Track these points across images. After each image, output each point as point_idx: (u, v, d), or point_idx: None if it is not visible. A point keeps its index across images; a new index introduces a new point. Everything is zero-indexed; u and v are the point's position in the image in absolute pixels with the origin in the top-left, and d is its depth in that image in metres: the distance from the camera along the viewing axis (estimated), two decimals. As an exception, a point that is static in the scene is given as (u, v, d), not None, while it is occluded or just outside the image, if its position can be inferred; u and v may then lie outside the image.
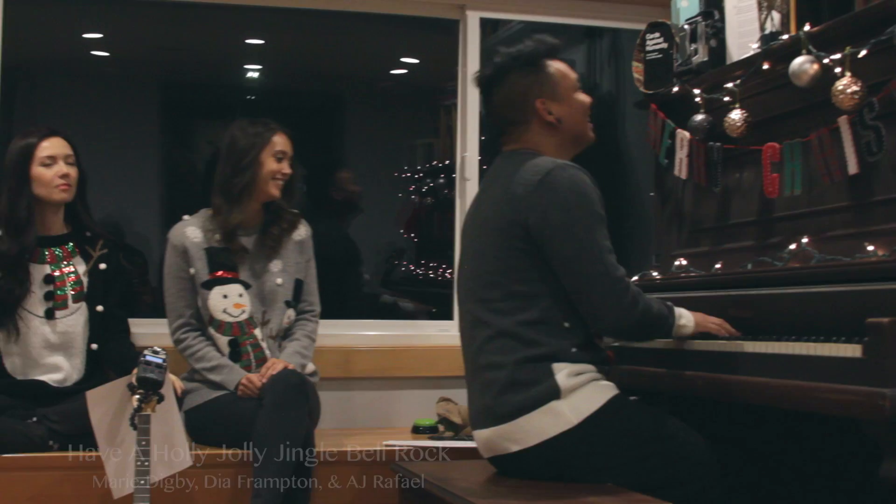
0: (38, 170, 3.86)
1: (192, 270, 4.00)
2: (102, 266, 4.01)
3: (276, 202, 4.11)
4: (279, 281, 4.07)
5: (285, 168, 4.06)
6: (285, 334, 4.11)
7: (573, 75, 3.29)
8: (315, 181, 5.48)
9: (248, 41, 5.68)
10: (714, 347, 3.10)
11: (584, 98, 3.30)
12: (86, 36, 5.42)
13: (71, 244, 4.00)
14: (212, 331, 4.00)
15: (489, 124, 4.75)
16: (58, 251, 3.96)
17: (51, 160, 3.87)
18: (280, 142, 4.06)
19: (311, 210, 4.30)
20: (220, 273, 4.01)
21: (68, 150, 3.93)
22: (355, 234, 5.35)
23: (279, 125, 4.11)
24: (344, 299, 4.37)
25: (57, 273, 3.93)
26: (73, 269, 3.96)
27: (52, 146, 3.89)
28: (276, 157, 4.04)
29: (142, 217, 5.50)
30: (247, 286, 4.03)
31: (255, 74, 5.85)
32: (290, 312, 4.11)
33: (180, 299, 4.03)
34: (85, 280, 3.97)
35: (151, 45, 5.54)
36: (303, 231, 4.18)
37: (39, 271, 3.91)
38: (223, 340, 3.99)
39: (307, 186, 5.34)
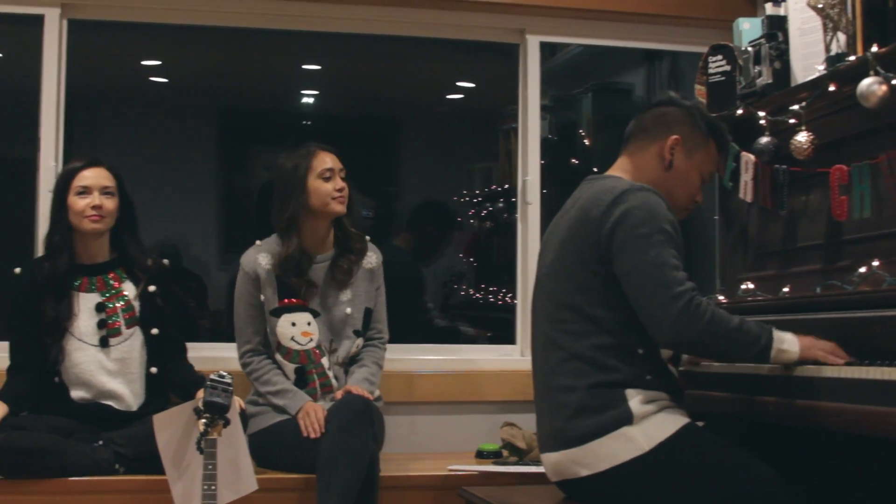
0: (72, 199, 3.85)
1: (262, 297, 3.99)
2: (152, 288, 3.97)
3: (343, 230, 4.07)
4: (349, 311, 4.05)
5: (338, 184, 3.99)
6: (353, 360, 4.08)
7: (714, 168, 3.34)
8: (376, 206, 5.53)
9: (304, 66, 5.71)
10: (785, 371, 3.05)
11: (699, 189, 3.30)
12: (144, 63, 5.48)
13: (119, 269, 3.98)
14: (279, 357, 4.00)
15: (549, 148, 4.74)
16: (106, 278, 3.95)
17: (85, 190, 3.84)
18: (321, 161, 4.00)
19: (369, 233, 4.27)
20: (289, 301, 4.00)
21: (107, 181, 3.90)
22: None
23: (318, 144, 4.07)
24: (405, 324, 4.36)
25: (108, 300, 3.92)
26: (123, 294, 3.95)
27: (89, 176, 3.87)
28: (323, 177, 3.98)
29: (200, 241, 5.55)
30: (316, 314, 4.02)
31: (312, 100, 5.88)
32: (359, 341, 4.09)
33: (249, 325, 4.03)
34: (136, 304, 3.96)
35: (209, 72, 5.60)
36: (373, 259, 4.15)
37: (90, 300, 3.91)
38: (290, 367, 3.99)
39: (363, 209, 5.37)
